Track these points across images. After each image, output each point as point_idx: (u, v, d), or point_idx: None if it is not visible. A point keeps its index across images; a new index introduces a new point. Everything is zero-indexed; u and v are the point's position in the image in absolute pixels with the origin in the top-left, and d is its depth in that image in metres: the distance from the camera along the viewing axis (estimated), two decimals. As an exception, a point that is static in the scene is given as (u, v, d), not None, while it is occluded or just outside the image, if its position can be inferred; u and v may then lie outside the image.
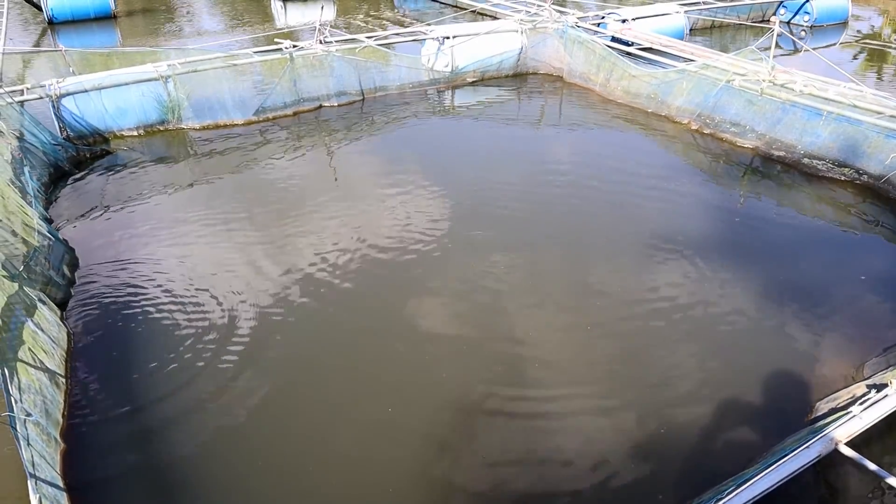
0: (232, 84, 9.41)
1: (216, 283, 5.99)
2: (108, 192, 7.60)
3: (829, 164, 8.19)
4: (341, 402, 4.77)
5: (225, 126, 9.29)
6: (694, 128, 9.46)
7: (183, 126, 9.17)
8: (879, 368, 5.00)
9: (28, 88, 8.62)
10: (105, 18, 14.97)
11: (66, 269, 6.06)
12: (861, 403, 3.71)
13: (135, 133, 8.97)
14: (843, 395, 4.52)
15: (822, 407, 4.63)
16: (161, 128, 9.12)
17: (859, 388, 4.47)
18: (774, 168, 8.48)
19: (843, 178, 8.03)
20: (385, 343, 5.38)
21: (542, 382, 4.99)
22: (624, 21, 12.28)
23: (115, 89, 8.86)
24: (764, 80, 8.87)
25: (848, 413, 3.70)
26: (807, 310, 5.80)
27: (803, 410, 4.74)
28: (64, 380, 4.76)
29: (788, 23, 15.49)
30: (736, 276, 6.24)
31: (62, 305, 5.62)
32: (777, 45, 9.20)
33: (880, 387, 3.88)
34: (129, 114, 8.94)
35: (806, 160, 8.37)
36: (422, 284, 6.09)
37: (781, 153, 8.60)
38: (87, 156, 8.40)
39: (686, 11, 13.32)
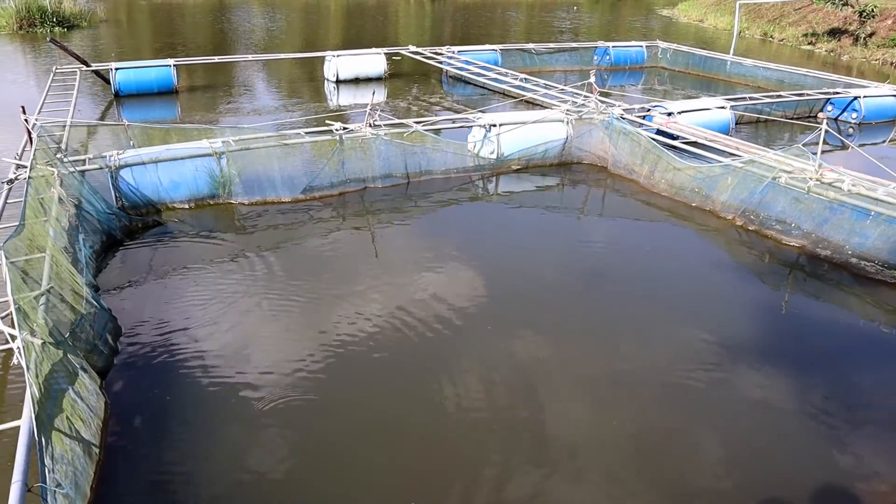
0: (282, 163, 9.68)
1: (256, 357, 6.03)
2: (156, 262, 7.79)
3: (879, 266, 8.02)
4: (364, 471, 4.73)
5: (272, 203, 9.51)
6: (738, 224, 9.38)
7: (232, 201, 9.42)
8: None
9: (90, 158, 9.01)
10: (167, 93, 15.68)
11: (109, 338, 6.16)
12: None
13: (186, 206, 9.23)
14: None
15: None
16: (211, 202, 9.38)
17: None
18: (821, 267, 8.33)
19: (893, 280, 7.85)
20: (409, 421, 5.37)
21: (564, 472, 4.87)
22: (669, 114, 12.40)
23: (170, 163, 9.17)
24: (811, 179, 8.81)
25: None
26: (851, 421, 5.59)
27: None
28: (97, 450, 4.78)
29: (836, 119, 15.49)
30: (777, 380, 6.07)
31: (102, 374, 5.69)
32: (824, 142, 9.17)
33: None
34: (181, 187, 9.22)
35: (854, 261, 8.22)
36: (451, 364, 6.07)
37: (828, 252, 8.47)
38: (139, 226, 8.65)
39: (732, 106, 13.40)
